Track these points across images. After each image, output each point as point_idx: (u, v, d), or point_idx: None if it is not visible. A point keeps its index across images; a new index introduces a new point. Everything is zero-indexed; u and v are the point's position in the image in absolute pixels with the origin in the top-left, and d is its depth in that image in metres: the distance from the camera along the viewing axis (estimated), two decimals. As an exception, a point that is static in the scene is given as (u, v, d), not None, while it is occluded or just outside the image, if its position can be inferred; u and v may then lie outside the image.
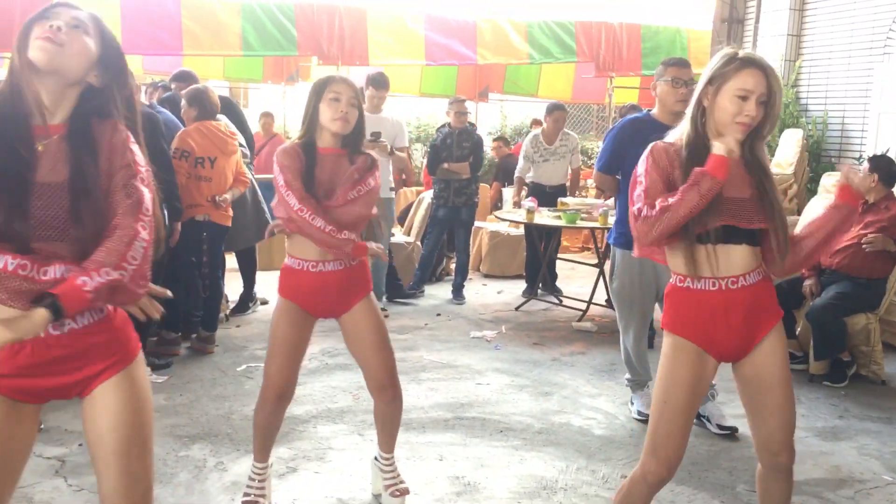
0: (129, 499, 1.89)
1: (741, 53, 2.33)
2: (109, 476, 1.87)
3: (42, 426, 3.82)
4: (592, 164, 9.08)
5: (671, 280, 2.45)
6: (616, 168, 4.22)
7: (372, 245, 2.95)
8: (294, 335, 2.98)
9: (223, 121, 5.33)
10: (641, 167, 2.38)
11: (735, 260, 2.34)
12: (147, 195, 1.85)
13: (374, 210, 3.00)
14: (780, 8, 7.87)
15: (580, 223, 6.53)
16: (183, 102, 5.28)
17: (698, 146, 2.34)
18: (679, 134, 2.43)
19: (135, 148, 1.88)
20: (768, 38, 7.98)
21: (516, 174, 7.66)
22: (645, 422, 3.98)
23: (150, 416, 1.94)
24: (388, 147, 6.11)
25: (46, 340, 1.79)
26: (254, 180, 5.94)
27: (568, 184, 7.78)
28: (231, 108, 6.09)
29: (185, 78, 5.83)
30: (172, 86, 5.87)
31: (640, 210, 2.30)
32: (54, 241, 1.74)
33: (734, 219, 2.31)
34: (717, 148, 2.28)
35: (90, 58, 1.82)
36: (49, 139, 1.79)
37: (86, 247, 1.76)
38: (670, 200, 2.25)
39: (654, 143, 2.41)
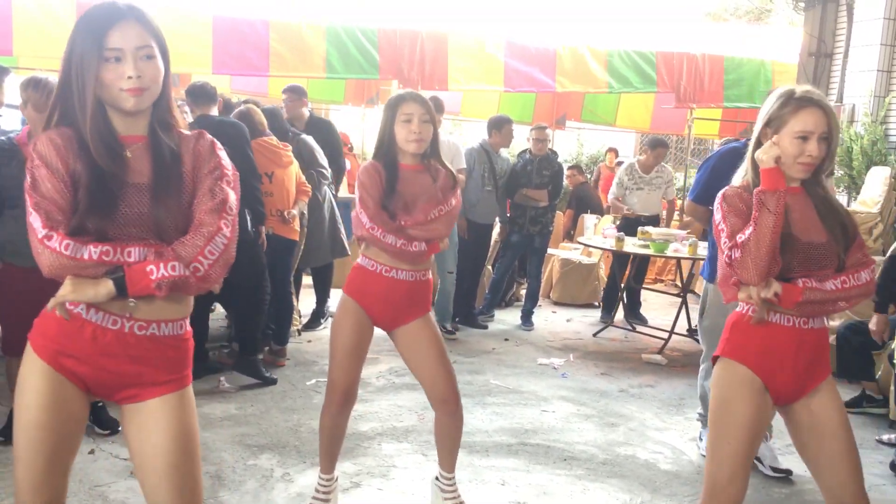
0: None
1: (798, 92, 2.32)
2: (162, 489, 1.90)
3: (120, 428, 3.97)
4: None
5: (739, 308, 2.41)
6: (711, 199, 4.14)
7: (445, 242, 3.06)
8: (356, 338, 3.04)
9: (272, 137, 5.48)
10: (718, 214, 2.37)
11: None
12: (232, 196, 1.94)
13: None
14: (870, 43, 7.66)
15: (669, 253, 6.58)
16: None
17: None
18: (743, 175, 2.43)
19: (221, 153, 1.98)
20: (857, 74, 7.78)
21: (611, 197, 7.67)
22: (781, 478, 3.91)
23: (198, 440, 1.99)
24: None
25: (128, 337, 1.86)
26: (333, 199, 6.07)
27: (663, 214, 7.81)
28: (326, 129, 6.34)
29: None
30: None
31: (730, 256, 2.28)
32: (138, 235, 1.82)
33: (811, 267, 2.30)
34: (763, 162, 2.28)
35: (162, 74, 1.89)
36: (135, 146, 1.89)
37: (167, 235, 1.85)
38: (747, 233, 2.24)
39: (723, 190, 2.41)
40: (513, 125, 7.00)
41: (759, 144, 2.36)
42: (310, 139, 5.84)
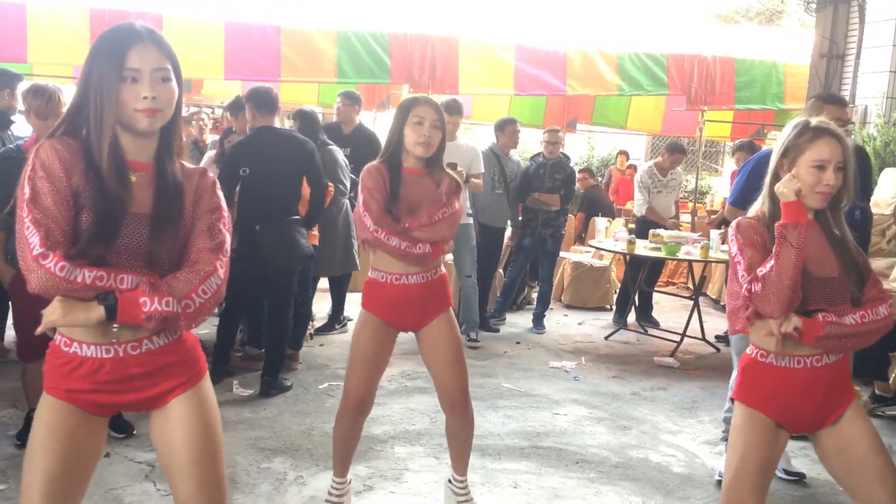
0: None
1: (813, 122, 2.34)
2: (187, 486, 1.95)
3: (135, 432, 4.00)
4: (682, 198, 8.98)
5: (749, 352, 2.43)
6: (750, 203, 4.11)
7: (450, 245, 3.09)
8: (374, 348, 3.05)
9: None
10: (734, 247, 2.37)
11: None
12: (228, 239, 1.97)
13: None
14: (882, 44, 7.63)
15: (681, 256, 6.58)
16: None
17: (779, 216, 2.32)
18: (759, 206, 2.43)
19: (220, 193, 2.01)
20: (869, 75, 7.75)
21: (643, 208, 7.53)
22: (794, 481, 3.90)
23: (220, 429, 2.03)
24: (464, 175, 6.18)
25: (125, 359, 1.89)
26: (350, 213, 6.10)
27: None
28: (370, 139, 6.51)
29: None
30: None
31: (749, 289, 2.27)
32: (130, 263, 1.83)
33: (825, 301, 2.30)
34: (784, 195, 2.28)
35: (175, 98, 1.90)
36: (140, 174, 1.90)
37: (157, 267, 1.86)
38: (768, 266, 2.24)
39: (737, 221, 2.41)
40: (517, 125, 7.03)
41: (776, 177, 2.37)
42: (338, 153, 5.90)
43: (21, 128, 4.84)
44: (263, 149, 4.80)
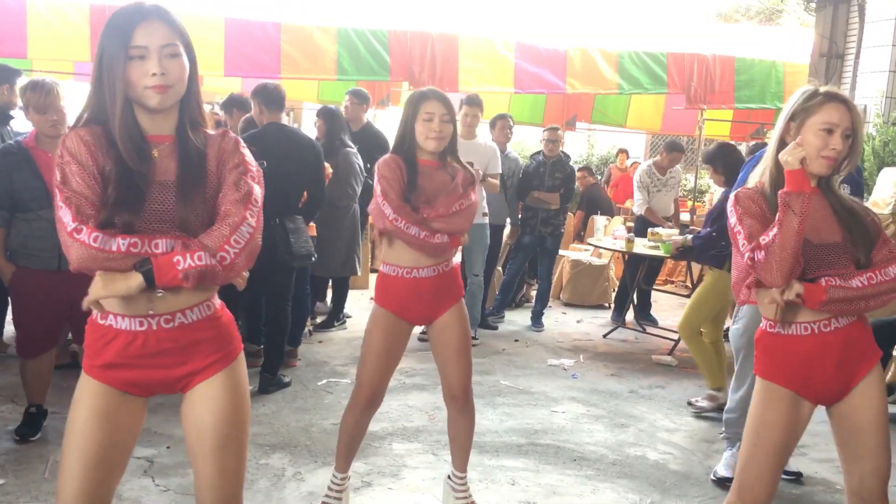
0: (223, 492, 1.98)
1: (822, 89, 2.32)
2: (206, 470, 1.96)
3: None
4: (682, 196, 8.99)
5: (761, 325, 2.41)
6: None
7: (465, 237, 3.08)
8: (387, 342, 3.06)
9: None
10: (732, 218, 2.35)
11: None
12: (257, 189, 1.97)
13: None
14: (882, 44, 7.64)
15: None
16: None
17: (782, 184, 2.31)
18: (759, 174, 2.42)
19: (245, 151, 2.01)
20: (868, 75, 7.76)
21: (643, 208, 7.57)
22: (791, 480, 3.90)
23: (248, 415, 2.03)
24: (480, 174, 6.18)
25: (157, 333, 1.90)
26: (357, 215, 6.12)
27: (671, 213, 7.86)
28: (378, 139, 6.57)
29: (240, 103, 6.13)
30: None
31: (752, 258, 2.26)
32: (161, 229, 1.85)
33: (828, 267, 2.28)
34: (788, 164, 2.26)
35: (187, 72, 1.92)
36: (162, 146, 1.93)
37: (191, 229, 1.88)
38: (771, 235, 2.22)
39: (735, 193, 2.39)
40: (508, 120, 7.04)
41: (782, 143, 2.35)
42: (355, 157, 5.95)
43: (20, 123, 4.84)
44: (274, 146, 4.80)
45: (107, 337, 1.90)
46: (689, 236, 5.84)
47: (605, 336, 6.95)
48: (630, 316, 7.38)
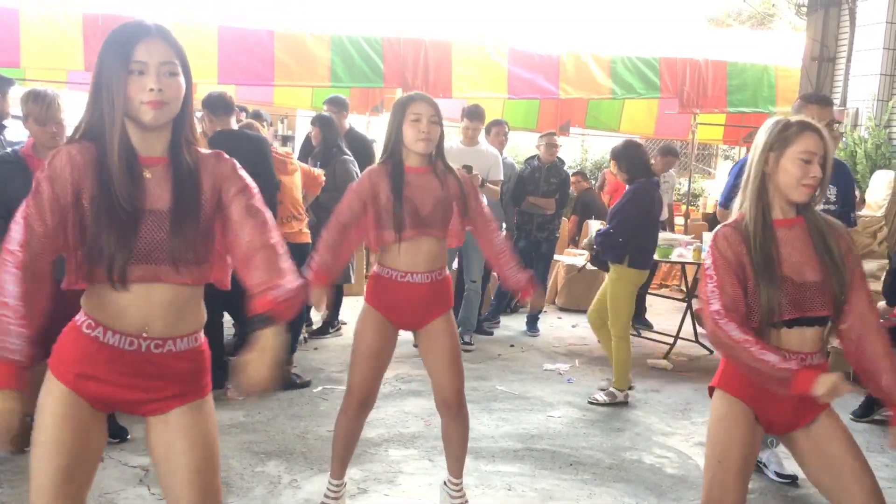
0: None
1: (794, 119, 2.35)
2: (189, 493, 1.93)
3: (129, 436, 4.00)
4: (676, 200, 9.02)
5: None
6: None
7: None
8: (377, 343, 3.07)
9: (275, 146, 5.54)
10: (708, 260, 2.35)
11: (805, 340, 2.32)
12: (269, 214, 2.00)
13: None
14: (873, 47, 7.68)
15: (674, 258, 6.61)
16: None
17: (760, 222, 2.31)
18: (739, 205, 2.40)
19: (244, 173, 2.01)
20: (860, 78, 7.79)
21: None
22: (786, 483, 3.92)
23: (218, 448, 2.02)
24: (479, 178, 6.18)
25: (145, 356, 1.89)
26: None
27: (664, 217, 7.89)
28: (362, 144, 6.58)
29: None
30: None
31: (717, 314, 2.23)
32: (152, 265, 1.84)
33: (806, 308, 2.28)
34: (817, 387, 2.11)
35: (183, 92, 1.90)
36: (155, 167, 1.90)
37: (182, 269, 1.87)
38: (747, 339, 2.17)
39: (715, 231, 2.38)
40: (504, 126, 7.04)
41: (761, 175, 2.34)
42: (352, 164, 5.93)
43: (13, 132, 4.83)
44: (230, 153, 4.79)
45: (89, 348, 1.88)
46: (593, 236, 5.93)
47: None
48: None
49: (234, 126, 5.09)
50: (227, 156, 2.03)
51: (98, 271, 1.82)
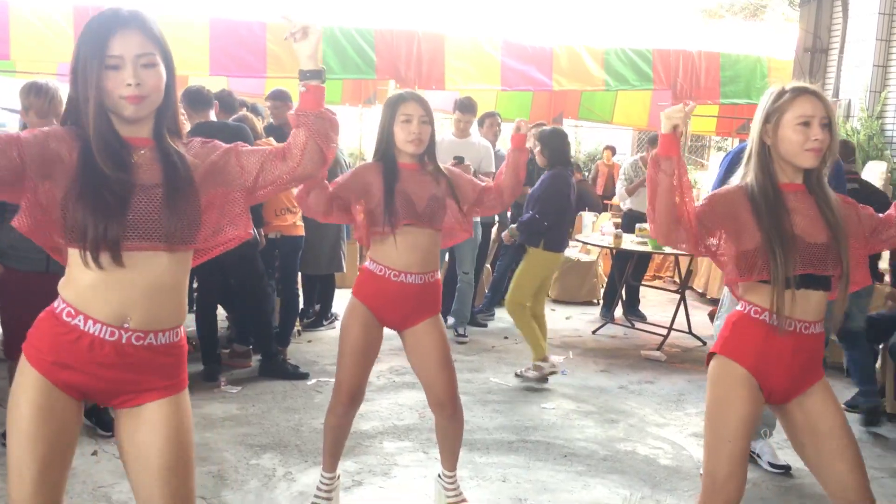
0: None
1: (789, 86, 2.34)
2: (160, 491, 1.89)
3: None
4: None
5: (740, 308, 2.41)
6: None
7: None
8: (364, 338, 3.06)
9: (270, 139, 5.49)
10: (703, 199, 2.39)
11: (812, 305, 2.33)
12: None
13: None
14: (865, 38, 7.69)
15: (667, 249, 6.58)
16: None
17: (769, 187, 2.32)
18: (742, 178, 2.41)
19: (217, 143, 2.03)
20: (852, 69, 7.81)
21: (625, 198, 7.66)
22: (779, 473, 3.92)
23: (193, 446, 1.99)
24: (471, 169, 6.17)
25: (125, 347, 1.86)
26: None
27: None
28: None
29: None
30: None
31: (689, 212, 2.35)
32: (146, 240, 1.82)
33: (813, 266, 2.29)
34: (663, 126, 2.29)
35: (163, 82, 1.88)
36: (142, 150, 1.89)
37: (176, 241, 1.85)
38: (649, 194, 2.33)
39: (719, 189, 2.40)
40: (497, 118, 7.05)
41: (762, 146, 2.35)
42: (341, 153, 5.94)
43: (8, 126, 4.80)
44: None
45: (69, 336, 1.84)
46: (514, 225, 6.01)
47: (594, 332, 6.96)
48: (619, 312, 7.39)
49: (213, 119, 5.10)
50: (206, 140, 2.04)
51: (87, 247, 1.78)
